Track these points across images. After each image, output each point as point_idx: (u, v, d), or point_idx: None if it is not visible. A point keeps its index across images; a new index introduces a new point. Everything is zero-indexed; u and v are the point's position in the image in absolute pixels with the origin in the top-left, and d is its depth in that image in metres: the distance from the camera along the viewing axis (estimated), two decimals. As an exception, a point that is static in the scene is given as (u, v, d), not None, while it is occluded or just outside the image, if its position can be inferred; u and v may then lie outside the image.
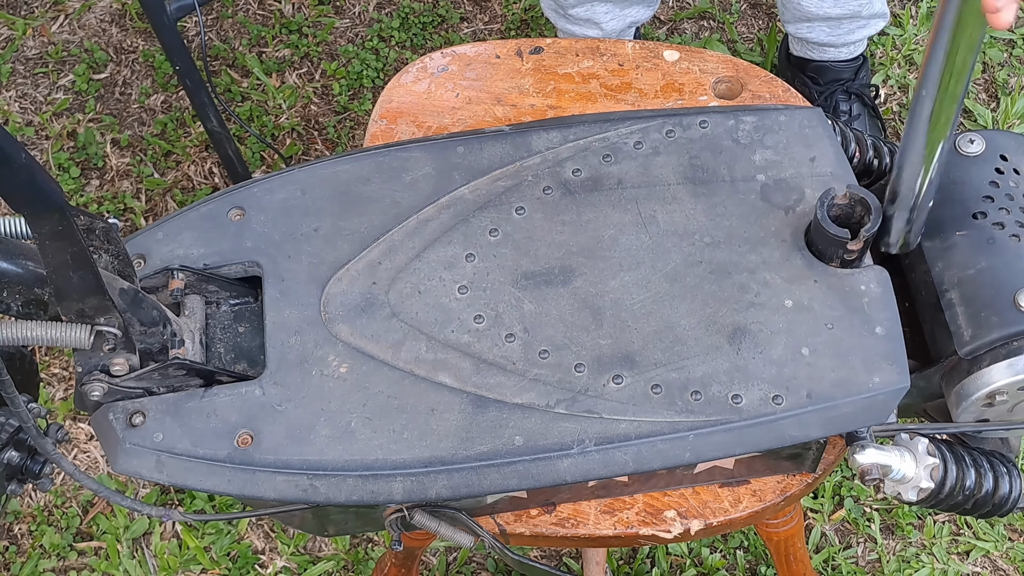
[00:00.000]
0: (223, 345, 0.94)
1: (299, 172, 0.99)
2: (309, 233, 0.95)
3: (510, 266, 0.94)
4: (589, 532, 0.97)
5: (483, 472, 0.87)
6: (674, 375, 0.89)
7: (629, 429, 0.87)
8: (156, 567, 1.55)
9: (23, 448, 0.92)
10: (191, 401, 0.88)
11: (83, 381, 0.87)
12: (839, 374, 0.88)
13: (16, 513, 1.59)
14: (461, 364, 0.90)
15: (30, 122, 1.91)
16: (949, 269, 0.93)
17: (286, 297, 0.92)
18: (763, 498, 0.98)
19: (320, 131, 1.90)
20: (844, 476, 1.60)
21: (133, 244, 0.94)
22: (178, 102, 1.92)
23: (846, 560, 1.54)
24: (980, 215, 0.95)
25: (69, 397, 1.67)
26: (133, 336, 0.85)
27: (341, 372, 0.89)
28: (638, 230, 0.95)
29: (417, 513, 0.90)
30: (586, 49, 1.19)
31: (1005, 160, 0.97)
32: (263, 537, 1.58)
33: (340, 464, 0.86)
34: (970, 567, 1.54)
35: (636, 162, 0.98)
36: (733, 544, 1.55)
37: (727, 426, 0.87)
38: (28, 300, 0.81)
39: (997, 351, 0.90)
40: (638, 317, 0.91)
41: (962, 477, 0.93)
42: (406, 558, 1.35)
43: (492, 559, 1.55)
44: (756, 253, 0.94)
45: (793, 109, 1.01)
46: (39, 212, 0.74)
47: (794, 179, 0.97)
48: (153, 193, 1.84)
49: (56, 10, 2.03)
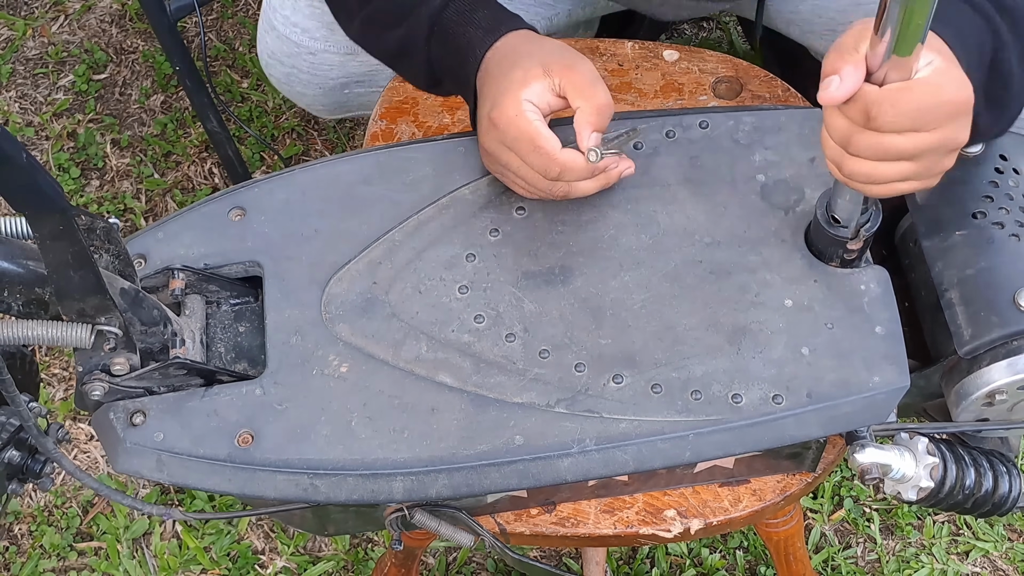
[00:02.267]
0: (224, 345, 0.94)
1: (299, 172, 0.99)
2: (309, 233, 0.95)
3: (510, 266, 0.94)
4: (589, 531, 0.97)
5: (483, 471, 0.87)
6: (674, 375, 0.89)
7: (629, 428, 0.87)
8: (156, 567, 1.55)
9: (24, 447, 0.92)
10: (192, 400, 0.88)
11: (84, 380, 0.87)
12: (839, 374, 0.89)
13: (16, 513, 1.59)
14: (461, 364, 0.90)
15: (30, 122, 1.91)
16: (949, 269, 0.93)
17: (287, 297, 0.93)
18: (763, 497, 0.98)
19: (320, 132, 1.90)
20: (844, 476, 1.60)
21: (134, 244, 0.95)
22: (178, 102, 1.92)
23: (846, 560, 1.54)
24: (980, 215, 0.95)
25: (70, 397, 1.67)
26: (134, 336, 0.85)
27: (342, 372, 0.89)
28: (638, 230, 0.95)
29: (417, 512, 0.90)
30: (585, 49, 1.19)
31: (1005, 160, 0.97)
32: (263, 537, 1.58)
33: (340, 463, 0.86)
34: (970, 567, 1.54)
35: (636, 162, 0.98)
36: (733, 544, 1.55)
37: (727, 426, 0.88)
38: (29, 300, 0.81)
39: (997, 351, 0.90)
40: (638, 317, 0.91)
41: (962, 476, 0.93)
42: (406, 558, 1.35)
43: (492, 559, 1.55)
44: (756, 253, 0.94)
45: (793, 109, 1.01)
46: (40, 212, 0.74)
47: (794, 179, 0.97)
48: (153, 193, 1.84)
49: (56, 10, 2.03)
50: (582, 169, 0.90)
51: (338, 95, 1.29)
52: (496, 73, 0.94)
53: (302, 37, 1.24)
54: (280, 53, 1.27)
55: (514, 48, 0.94)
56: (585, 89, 0.91)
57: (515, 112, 0.90)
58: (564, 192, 0.93)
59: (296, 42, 1.25)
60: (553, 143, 0.90)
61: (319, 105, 1.32)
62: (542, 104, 0.92)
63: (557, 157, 0.90)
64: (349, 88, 1.28)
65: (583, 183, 0.93)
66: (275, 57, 1.28)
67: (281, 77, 1.29)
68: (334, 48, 1.24)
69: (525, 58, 0.92)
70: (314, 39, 1.24)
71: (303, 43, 1.24)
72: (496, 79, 0.93)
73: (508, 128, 0.90)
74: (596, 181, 0.93)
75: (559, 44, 0.95)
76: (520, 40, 0.95)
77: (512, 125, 0.90)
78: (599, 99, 0.91)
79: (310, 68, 1.26)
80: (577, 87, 0.91)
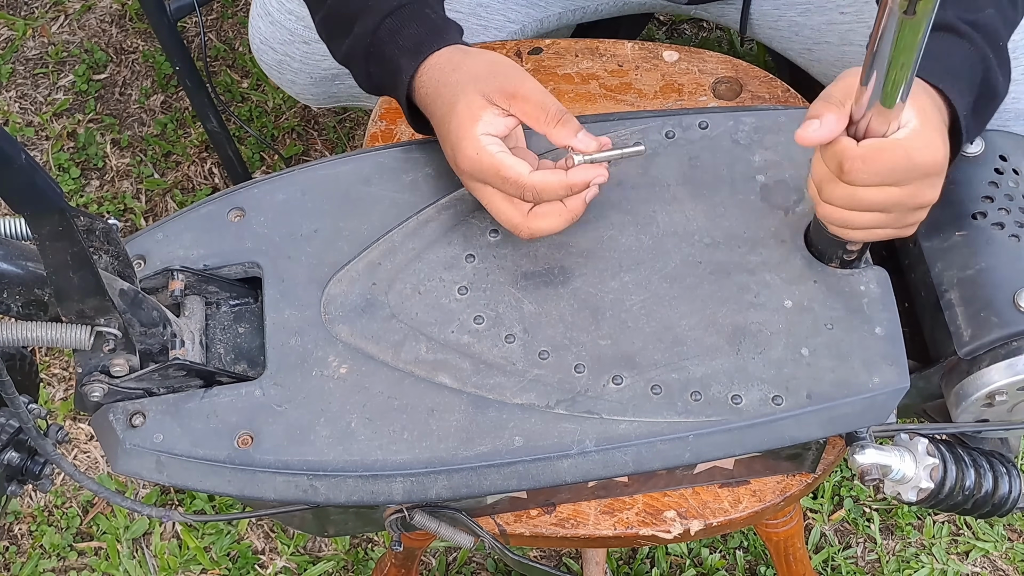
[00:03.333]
0: (223, 346, 0.94)
1: (299, 173, 0.99)
2: (309, 234, 0.95)
3: (510, 267, 0.94)
4: (589, 532, 0.97)
5: (483, 472, 0.87)
6: (674, 376, 0.89)
7: (629, 429, 0.87)
8: (156, 567, 1.55)
9: (23, 449, 0.92)
10: (191, 402, 0.88)
11: (83, 382, 0.87)
12: (839, 374, 0.89)
13: (16, 513, 1.59)
14: (461, 365, 0.90)
15: (30, 122, 1.91)
16: (948, 269, 0.93)
17: (286, 298, 0.92)
18: (763, 498, 0.98)
19: (320, 132, 1.90)
20: (844, 476, 1.60)
21: (133, 245, 0.94)
22: (178, 102, 1.92)
23: (846, 560, 1.54)
24: (979, 215, 0.95)
25: (69, 398, 1.67)
26: (133, 337, 0.85)
27: (341, 373, 0.89)
28: (638, 231, 0.95)
29: (417, 513, 0.90)
30: (585, 50, 1.19)
31: (1004, 160, 0.97)
32: (263, 537, 1.58)
33: (340, 465, 0.86)
34: (969, 567, 1.54)
35: (636, 163, 0.98)
36: (733, 544, 1.55)
37: (727, 426, 0.87)
38: (28, 301, 0.81)
39: (996, 351, 0.90)
40: (638, 318, 0.91)
41: (961, 477, 0.93)
42: (406, 558, 1.35)
43: (492, 559, 1.55)
44: (756, 254, 0.94)
45: (793, 110, 1.01)
46: (39, 213, 0.74)
47: (794, 180, 0.97)
48: (153, 194, 1.84)
49: (56, 10, 2.03)
50: (556, 186, 0.90)
51: (329, 85, 1.29)
52: (439, 106, 0.93)
53: (297, 25, 1.24)
54: (273, 40, 1.26)
55: (442, 74, 0.94)
56: (536, 113, 0.90)
57: (475, 151, 0.90)
58: (529, 233, 0.92)
59: (290, 30, 1.24)
60: (519, 168, 0.90)
61: (308, 94, 1.31)
62: (498, 131, 0.91)
63: (526, 181, 0.90)
64: (340, 79, 1.27)
65: (547, 221, 0.92)
66: (267, 43, 1.27)
67: (272, 64, 1.29)
68: None
69: (459, 89, 0.92)
70: (308, 28, 1.23)
71: (297, 31, 1.24)
72: (443, 114, 0.93)
73: (474, 168, 0.91)
74: (561, 217, 0.92)
75: (487, 61, 0.94)
76: (445, 62, 0.94)
77: (476, 164, 0.90)
78: (551, 112, 0.90)
79: (303, 57, 1.25)
80: (530, 116, 0.90)
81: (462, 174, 0.93)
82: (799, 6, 1.24)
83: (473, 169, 0.91)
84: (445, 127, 0.93)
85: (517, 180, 0.90)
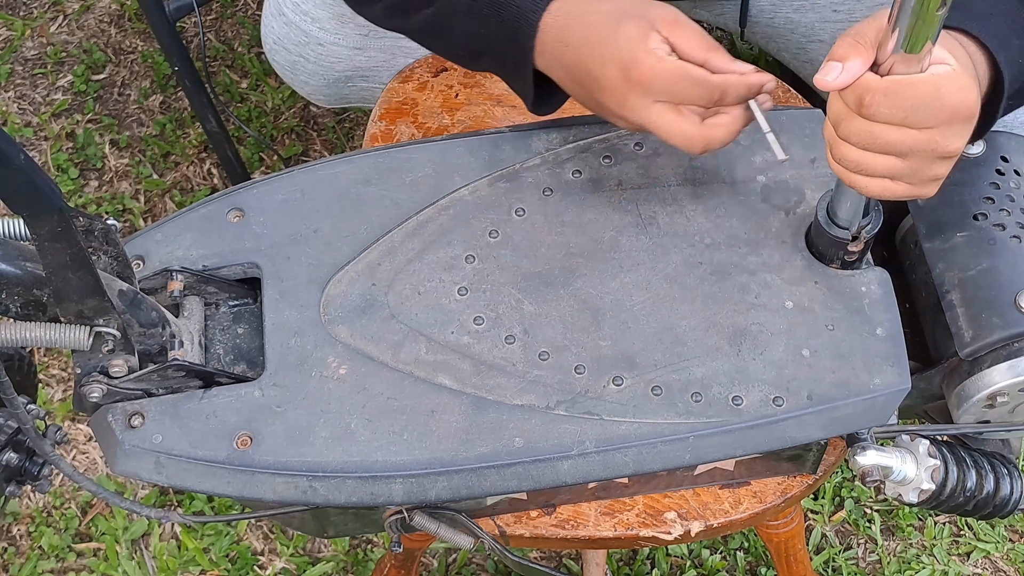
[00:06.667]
0: (222, 346, 0.94)
1: (298, 173, 0.99)
2: (308, 234, 0.95)
3: (510, 267, 0.94)
4: (589, 534, 0.97)
5: (483, 473, 0.86)
6: (674, 377, 0.89)
7: (629, 431, 0.87)
8: (155, 568, 1.55)
9: (22, 450, 0.91)
10: (190, 403, 0.88)
11: (82, 382, 0.87)
12: (840, 375, 0.88)
13: (15, 514, 1.59)
14: (461, 365, 0.90)
15: (29, 123, 1.91)
16: (950, 270, 0.93)
17: (285, 298, 0.92)
18: (763, 499, 0.98)
19: (319, 132, 1.90)
20: (845, 477, 1.60)
21: (132, 245, 0.94)
22: (177, 103, 1.92)
23: (846, 561, 1.54)
24: (981, 216, 0.94)
25: (68, 397, 1.67)
26: (132, 337, 0.85)
27: (340, 373, 0.89)
28: (638, 231, 0.95)
29: (417, 514, 0.90)
30: (586, 50, 1.18)
31: (1006, 161, 0.97)
32: (262, 538, 1.58)
33: (339, 466, 0.86)
34: (971, 568, 1.53)
35: (636, 163, 0.98)
36: (733, 545, 1.55)
37: (727, 428, 0.87)
38: (27, 301, 0.81)
39: (998, 352, 0.90)
40: (638, 318, 0.91)
41: (963, 478, 0.93)
42: (405, 559, 1.35)
43: (492, 561, 1.54)
44: (756, 254, 0.93)
45: (793, 110, 1.01)
46: (38, 213, 0.73)
47: (794, 180, 0.96)
48: (152, 194, 1.84)
49: (55, 11, 2.02)
50: (739, 85, 0.88)
51: (341, 87, 1.28)
52: (591, 32, 0.90)
53: (311, 27, 1.23)
54: (287, 40, 1.26)
55: (585, 4, 0.91)
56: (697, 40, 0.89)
57: (656, 59, 0.87)
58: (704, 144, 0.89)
59: (305, 31, 1.24)
60: (703, 71, 0.88)
61: (320, 95, 1.31)
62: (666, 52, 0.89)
63: (714, 79, 0.87)
64: (353, 82, 1.27)
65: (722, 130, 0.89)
66: (281, 44, 1.27)
67: (286, 64, 1.28)
68: (343, 41, 1.23)
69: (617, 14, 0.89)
70: (324, 30, 1.23)
71: (312, 33, 1.23)
72: (599, 39, 0.89)
73: (656, 78, 0.88)
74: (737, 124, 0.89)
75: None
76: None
77: (659, 73, 0.87)
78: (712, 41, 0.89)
79: (316, 58, 1.25)
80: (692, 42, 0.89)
81: (631, 92, 0.89)
82: (795, 2, 1.23)
83: (655, 79, 0.87)
84: (607, 49, 0.89)
85: (705, 79, 0.87)
